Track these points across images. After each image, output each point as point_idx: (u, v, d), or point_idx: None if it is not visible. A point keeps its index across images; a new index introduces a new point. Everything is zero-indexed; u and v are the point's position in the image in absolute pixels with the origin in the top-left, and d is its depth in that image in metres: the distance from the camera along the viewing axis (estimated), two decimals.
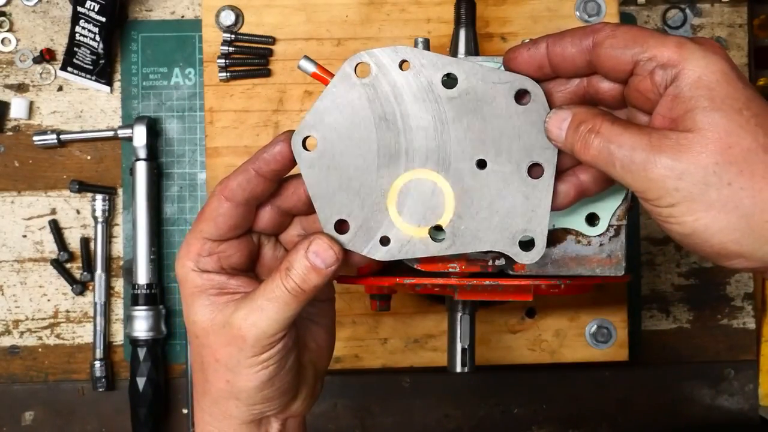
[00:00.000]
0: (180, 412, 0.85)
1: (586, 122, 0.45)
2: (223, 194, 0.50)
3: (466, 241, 0.49)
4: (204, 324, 0.50)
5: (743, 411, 0.88)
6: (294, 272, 0.48)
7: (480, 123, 0.49)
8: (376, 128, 0.49)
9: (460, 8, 0.68)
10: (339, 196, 0.49)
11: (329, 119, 0.49)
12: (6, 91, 0.85)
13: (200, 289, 0.50)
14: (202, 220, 0.50)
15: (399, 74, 0.49)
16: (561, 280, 0.57)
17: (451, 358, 0.66)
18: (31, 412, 0.85)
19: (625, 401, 0.87)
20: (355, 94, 0.49)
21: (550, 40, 0.46)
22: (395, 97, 0.49)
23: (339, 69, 0.49)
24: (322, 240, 0.48)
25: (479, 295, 0.60)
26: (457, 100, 0.49)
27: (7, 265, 0.84)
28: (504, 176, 0.49)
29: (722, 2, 0.86)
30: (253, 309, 0.48)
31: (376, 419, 0.86)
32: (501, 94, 0.48)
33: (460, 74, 0.48)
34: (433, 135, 0.49)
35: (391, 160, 0.49)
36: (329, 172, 0.49)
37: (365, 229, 0.50)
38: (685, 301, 0.87)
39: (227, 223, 0.50)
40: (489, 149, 0.49)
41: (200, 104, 0.85)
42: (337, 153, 0.49)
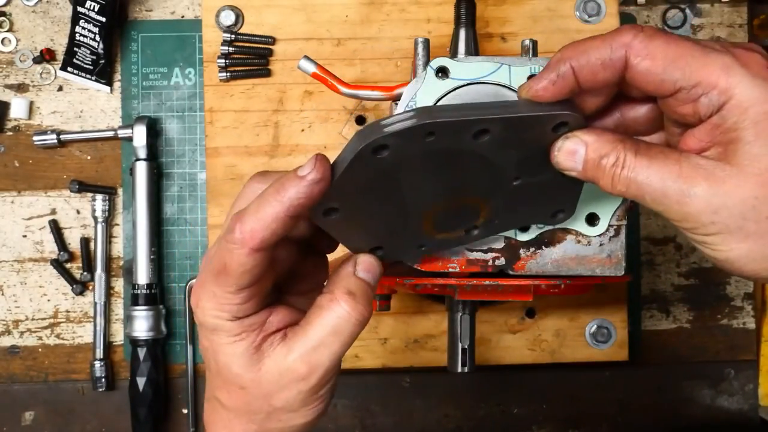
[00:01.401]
0: (180, 412, 0.85)
1: (607, 155, 0.43)
2: (252, 247, 0.42)
3: (501, 226, 0.52)
4: (252, 374, 0.45)
5: (743, 411, 0.88)
6: (359, 296, 0.45)
7: (517, 152, 0.45)
8: (399, 196, 0.46)
9: (460, 8, 0.68)
10: (369, 239, 0.49)
11: (349, 190, 0.44)
12: (6, 91, 0.85)
13: (241, 337, 0.45)
14: (231, 275, 0.43)
15: (423, 144, 0.43)
16: (561, 280, 0.57)
17: (451, 358, 0.66)
18: (31, 412, 0.85)
19: (625, 401, 0.87)
20: (372, 171, 0.44)
21: (575, 66, 0.43)
22: (420, 162, 0.44)
23: (360, 149, 0.42)
24: (364, 259, 0.47)
25: (479, 295, 0.60)
26: (489, 143, 0.44)
27: (7, 265, 0.84)
28: (540, 181, 0.48)
29: (722, 2, 0.86)
30: (310, 349, 0.45)
31: (376, 419, 0.86)
32: (538, 129, 0.45)
33: (494, 129, 0.44)
34: (461, 176, 0.46)
35: (418, 217, 0.48)
36: (356, 229, 0.47)
37: (401, 248, 0.51)
38: (685, 301, 0.87)
39: (261, 269, 0.44)
40: (523, 170, 0.47)
41: (200, 104, 0.85)
42: (360, 216, 0.46)
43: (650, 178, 0.42)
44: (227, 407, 0.48)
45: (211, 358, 0.47)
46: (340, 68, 0.79)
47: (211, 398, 0.49)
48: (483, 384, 0.86)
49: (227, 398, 0.47)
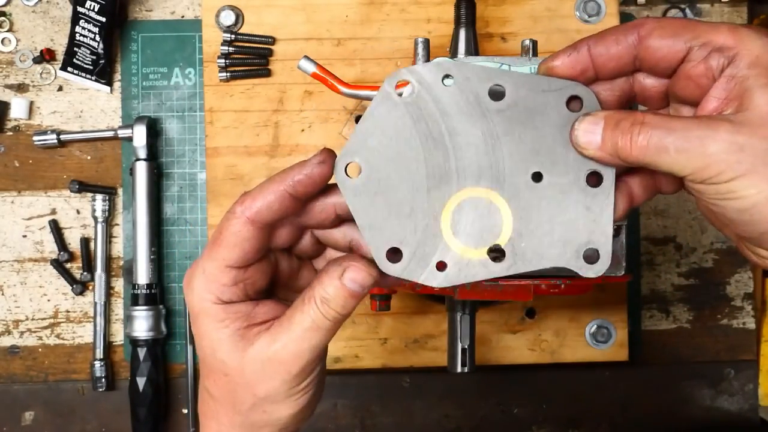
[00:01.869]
0: (180, 412, 0.85)
1: (626, 119, 0.43)
2: (248, 216, 0.45)
3: (528, 258, 0.47)
4: (236, 362, 0.47)
5: (743, 411, 0.88)
6: (333, 302, 0.46)
7: (532, 134, 0.46)
8: (423, 148, 0.46)
9: (460, 8, 0.68)
10: (389, 223, 0.46)
11: (373, 143, 0.46)
12: (6, 91, 0.85)
13: (225, 324, 0.47)
14: (222, 245, 0.46)
15: (443, 90, 0.46)
16: (561, 280, 0.57)
17: (451, 358, 0.66)
18: (31, 412, 0.85)
19: (625, 401, 0.87)
20: (398, 114, 0.46)
21: (590, 42, 0.45)
22: (441, 114, 0.46)
23: (380, 89, 0.46)
24: (357, 267, 0.46)
25: (479, 295, 0.60)
26: (506, 113, 0.46)
27: (7, 265, 0.85)
28: (562, 187, 0.46)
29: (722, 2, 0.86)
30: (293, 340, 0.46)
31: (376, 419, 0.86)
32: (552, 102, 0.46)
33: (508, 85, 0.46)
34: (484, 151, 0.46)
35: (441, 180, 0.46)
36: (377, 199, 0.46)
37: (420, 256, 0.47)
38: (685, 301, 0.87)
39: (254, 247, 0.46)
40: (544, 160, 0.46)
41: (200, 104, 0.85)
42: (384, 177, 0.46)
43: (673, 129, 0.42)
44: (214, 396, 0.49)
45: (199, 345, 0.48)
46: (340, 68, 0.79)
47: (201, 388, 0.50)
48: (483, 384, 0.86)
49: (213, 386, 0.48)
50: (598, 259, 0.47)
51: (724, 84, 0.43)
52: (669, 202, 0.87)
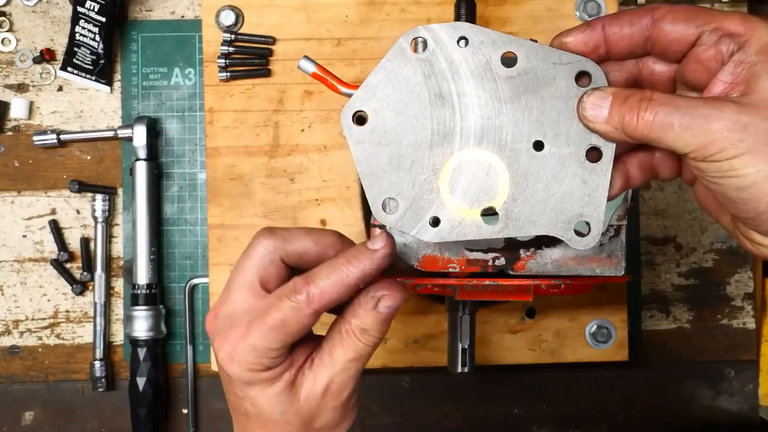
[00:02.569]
0: (180, 412, 0.85)
1: (634, 95, 0.44)
2: (316, 309, 0.46)
3: (520, 224, 0.48)
4: (294, 408, 0.49)
5: (743, 411, 0.88)
6: (372, 331, 0.48)
7: (538, 103, 0.47)
8: (431, 105, 0.48)
9: (460, 8, 0.68)
10: (389, 174, 0.48)
11: (382, 94, 0.48)
12: (6, 91, 0.85)
13: (274, 381, 0.48)
14: (280, 330, 0.46)
15: (456, 50, 0.47)
16: (561, 280, 0.57)
17: (451, 358, 0.66)
18: (31, 412, 0.85)
19: (625, 401, 0.87)
20: (410, 69, 0.48)
21: (605, 21, 0.46)
22: (452, 73, 0.47)
23: (395, 43, 0.48)
24: (391, 295, 0.48)
25: (479, 295, 0.60)
26: (515, 80, 0.47)
27: (7, 265, 0.85)
28: (561, 159, 0.47)
29: (722, 2, 0.86)
30: (339, 372, 0.48)
31: (376, 419, 0.86)
32: (561, 75, 0.47)
33: (520, 53, 0.47)
34: (489, 114, 0.47)
35: (445, 138, 0.48)
36: (379, 149, 0.48)
37: (414, 209, 0.48)
38: (685, 301, 0.87)
39: (307, 332, 0.48)
40: (547, 131, 0.47)
41: (200, 104, 0.85)
42: (389, 129, 0.48)
43: (679, 106, 0.42)
44: None
45: (248, 405, 0.49)
46: (340, 68, 0.79)
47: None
48: (483, 384, 0.86)
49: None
50: (588, 233, 0.48)
51: (731, 68, 0.43)
52: (669, 202, 0.87)
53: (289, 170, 0.80)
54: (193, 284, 0.84)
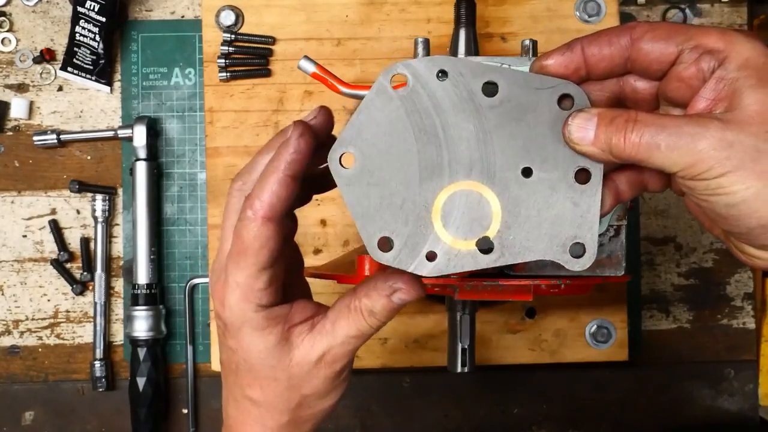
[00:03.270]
0: (180, 412, 0.85)
1: (619, 116, 0.44)
2: (262, 215, 0.46)
3: (515, 251, 0.48)
4: (284, 365, 0.49)
5: (743, 411, 0.88)
6: (379, 315, 0.48)
7: (524, 130, 0.47)
8: (417, 141, 0.48)
9: (460, 8, 0.68)
10: (381, 213, 0.48)
11: (367, 134, 0.48)
12: (6, 91, 0.85)
13: (269, 330, 0.48)
14: (249, 253, 0.46)
15: (437, 84, 0.47)
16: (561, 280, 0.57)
17: (451, 358, 0.66)
18: (31, 412, 0.85)
19: (625, 401, 0.87)
20: (393, 108, 0.47)
21: (584, 42, 0.46)
22: (435, 108, 0.47)
23: (375, 82, 0.47)
24: (407, 290, 0.48)
25: (479, 295, 0.60)
26: (498, 109, 0.47)
27: (7, 265, 0.85)
28: (551, 183, 0.48)
29: (722, 2, 0.86)
30: (338, 344, 0.49)
31: (376, 419, 0.86)
32: (544, 99, 0.47)
33: (501, 81, 0.47)
34: (475, 145, 0.48)
35: (433, 173, 0.48)
36: (370, 189, 0.48)
37: (410, 246, 0.48)
38: (685, 301, 0.87)
39: (278, 242, 0.47)
40: (534, 157, 0.48)
41: (200, 104, 0.85)
42: (377, 168, 0.48)
43: (665, 126, 0.43)
44: (259, 403, 0.50)
45: (239, 359, 0.49)
46: (340, 68, 0.79)
47: (240, 399, 0.51)
48: (483, 384, 0.86)
49: (260, 394, 0.50)
50: (584, 254, 0.48)
51: (713, 85, 0.43)
52: (669, 202, 0.87)
53: None
54: (193, 284, 0.84)
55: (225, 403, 0.52)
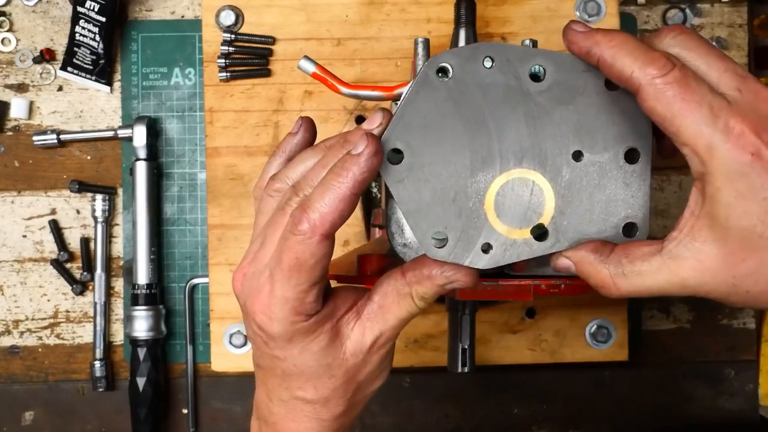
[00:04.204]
0: (180, 412, 0.85)
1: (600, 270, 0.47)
2: (323, 234, 0.44)
3: (570, 235, 0.48)
4: (339, 360, 0.48)
5: (743, 411, 0.88)
6: (430, 299, 0.49)
7: (572, 113, 0.47)
8: (466, 131, 0.46)
9: (460, 8, 0.68)
10: (434, 208, 0.47)
11: (414, 127, 0.46)
12: (6, 91, 0.85)
13: (318, 333, 0.48)
14: (303, 270, 0.44)
15: (484, 72, 0.46)
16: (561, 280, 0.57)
17: (451, 358, 0.66)
18: (31, 412, 0.85)
19: (625, 401, 0.87)
20: (440, 98, 0.46)
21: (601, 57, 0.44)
22: (482, 96, 0.46)
23: (419, 73, 0.46)
24: (464, 282, 0.48)
25: (479, 295, 0.59)
26: (546, 93, 0.47)
27: (7, 265, 0.84)
28: (602, 165, 0.47)
29: (722, 2, 0.86)
30: (390, 328, 0.49)
31: (376, 419, 0.86)
32: (590, 82, 0.47)
33: (548, 65, 0.46)
34: (525, 132, 0.47)
35: (485, 163, 0.47)
36: (420, 184, 0.46)
37: (465, 239, 0.47)
38: (685, 301, 0.87)
39: (330, 257, 0.46)
40: (584, 139, 0.47)
41: (200, 104, 0.85)
42: (427, 162, 0.46)
43: (649, 287, 0.45)
44: (313, 401, 0.50)
45: (288, 365, 0.48)
46: (340, 68, 0.79)
47: (288, 399, 0.50)
48: (483, 384, 0.86)
49: (314, 393, 0.49)
50: (636, 233, 0.48)
51: (698, 189, 0.43)
52: (669, 202, 0.87)
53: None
54: (193, 284, 0.84)
55: (265, 403, 0.51)
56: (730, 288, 0.42)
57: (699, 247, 0.42)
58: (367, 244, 0.75)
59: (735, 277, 0.42)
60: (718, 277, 0.42)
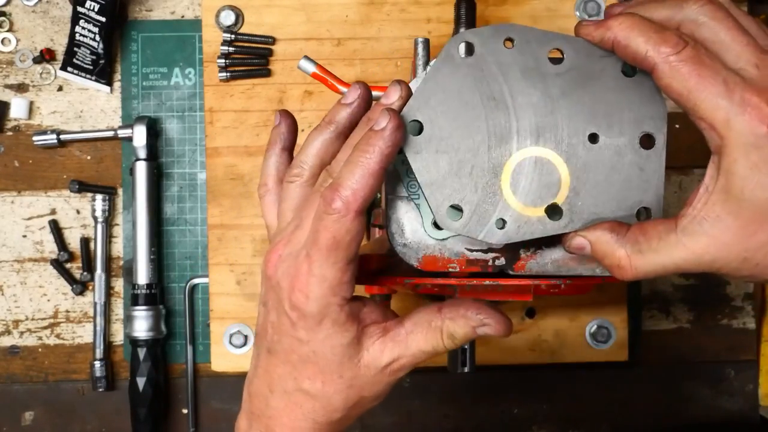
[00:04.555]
0: (180, 412, 0.85)
1: None
2: (356, 210, 0.45)
3: (584, 216, 0.48)
4: (352, 365, 0.49)
5: (743, 411, 0.88)
6: (458, 341, 0.49)
7: (589, 97, 0.48)
8: (485, 108, 0.48)
9: (460, 8, 0.68)
10: (450, 181, 0.48)
11: (435, 102, 0.48)
12: (6, 91, 0.85)
13: (346, 327, 0.48)
14: (340, 248, 0.46)
15: (505, 52, 0.48)
16: (561, 280, 0.57)
17: (451, 358, 0.66)
18: (31, 412, 0.85)
19: (625, 401, 0.87)
20: (461, 75, 0.48)
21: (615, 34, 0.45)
22: (502, 75, 0.48)
23: (442, 50, 0.48)
24: (496, 328, 0.49)
25: (479, 295, 0.59)
26: (564, 76, 0.48)
27: (7, 265, 0.84)
28: (617, 148, 0.48)
29: None
30: (409, 356, 0.49)
31: (376, 419, 0.86)
32: (608, 67, 0.48)
33: (567, 49, 0.48)
34: (543, 112, 0.48)
35: (502, 140, 0.48)
36: (438, 156, 0.48)
37: (479, 213, 0.48)
38: (685, 301, 0.87)
39: (362, 236, 0.46)
40: (600, 122, 0.48)
41: (200, 104, 0.85)
42: (446, 136, 0.48)
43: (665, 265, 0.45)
44: (316, 396, 0.50)
45: (308, 350, 0.49)
46: (340, 68, 0.79)
47: (291, 391, 0.50)
48: (483, 384, 0.86)
49: (320, 388, 0.49)
50: (650, 218, 0.49)
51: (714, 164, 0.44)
52: (669, 202, 0.87)
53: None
54: (193, 284, 0.84)
55: (264, 395, 0.52)
56: (741, 262, 0.43)
57: (713, 221, 0.43)
58: (367, 244, 0.75)
59: (747, 251, 0.43)
60: (731, 251, 0.43)
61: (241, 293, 0.80)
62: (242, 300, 0.80)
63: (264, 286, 0.50)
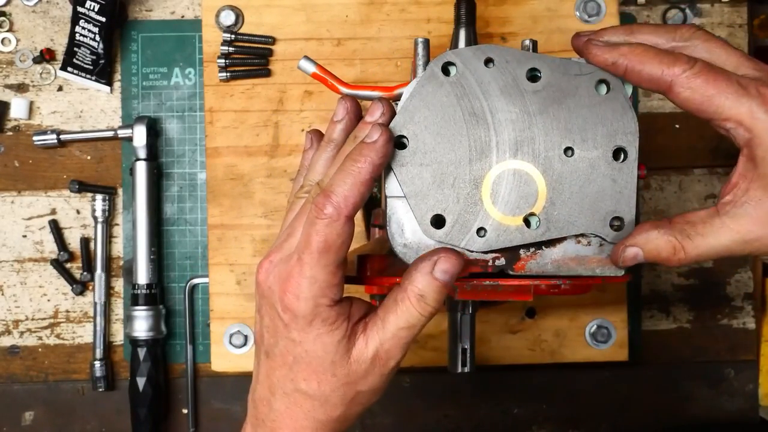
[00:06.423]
0: (180, 412, 0.85)
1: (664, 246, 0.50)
2: (347, 215, 0.48)
3: (560, 225, 0.52)
4: (344, 362, 0.50)
5: (743, 411, 0.88)
6: (428, 297, 0.50)
7: (565, 113, 0.51)
8: (466, 123, 0.51)
9: (460, 8, 0.67)
10: (433, 192, 0.51)
11: (419, 117, 0.51)
12: (6, 91, 0.85)
13: (336, 326, 0.50)
14: (331, 251, 0.48)
15: (485, 71, 0.51)
16: (561, 280, 0.57)
17: (452, 358, 0.66)
18: (31, 412, 0.85)
19: (625, 401, 0.87)
20: (443, 92, 0.51)
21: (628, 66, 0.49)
22: (483, 93, 0.51)
23: (426, 69, 0.51)
24: (447, 257, 0.49)
25: (479, 295, 0.59)
26: (541, 93, 0.51)
27: (7, 265, 0.85)
28: (591, 161, 0.52)
29: (722, 2, 0.86)
30: (389, 339, 0.50)
31: (376, 419, 0.86)
32: (582, 85, 0.51)
33: (543, 68, 0.51)
34: (521, 127, 0.51)
35: (482, 153, 0.51)
36: (422, 169, 0.51)
37: (461, 222, 0.51)
38: (685, 301, 0.87)
39: (351, 239, 0.49)
40: (575, 137, 0.52)
41: (200, 104, 0.85)
42: (429, 149, 0.51)
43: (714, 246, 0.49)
44: (314, 396, 0.51)
45: (301, 351, 0.50)
46: (340, 68, 0.79)
47: (290, 392, 0.52)
48: (483, 384, 0.86)
49: (316, 388, 0.51)
50: (623, 227, 0.52)
51: (743, 160, 0.48)
52: (669, 202, 0.87)
53: (289, 170, 0.80)
54: (193, 284, 0.84)
55: (267, 399, 0.53)
56: None
57: (756, 203, 0.47)
58: (367, 244, 0.75)
59: None
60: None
61: (241, 293, 0.80)
62: (242, 300, 0.80)
63: (257, 293, 0.52)
